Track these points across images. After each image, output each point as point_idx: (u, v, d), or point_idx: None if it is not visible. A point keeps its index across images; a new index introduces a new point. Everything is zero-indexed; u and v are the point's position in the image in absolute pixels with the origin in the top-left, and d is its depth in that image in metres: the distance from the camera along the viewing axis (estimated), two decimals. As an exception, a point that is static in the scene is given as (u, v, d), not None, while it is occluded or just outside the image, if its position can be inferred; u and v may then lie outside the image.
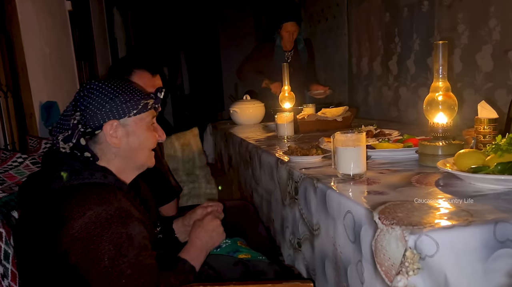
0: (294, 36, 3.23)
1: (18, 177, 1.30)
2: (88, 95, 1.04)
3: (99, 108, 1.03)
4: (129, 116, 1.06)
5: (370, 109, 3.66)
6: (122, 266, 0.94)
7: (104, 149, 1.06)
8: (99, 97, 1.04)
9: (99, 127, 1.03)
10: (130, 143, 1.08)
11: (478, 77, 2.38)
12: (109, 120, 1.04)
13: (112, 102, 1.04)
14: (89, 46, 4.31)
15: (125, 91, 1.07)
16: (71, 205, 0.93)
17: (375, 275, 0.83)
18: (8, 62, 2.38)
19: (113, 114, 1.04)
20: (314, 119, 2.26)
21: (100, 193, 0.97)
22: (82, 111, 1.03)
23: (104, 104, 1.03)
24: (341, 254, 1.01)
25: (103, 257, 0.93)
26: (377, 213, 0.84)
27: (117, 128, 1.05)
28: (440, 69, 1.14)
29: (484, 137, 1.23)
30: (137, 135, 1.08)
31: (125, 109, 1.05)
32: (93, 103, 1.03)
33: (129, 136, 1.07)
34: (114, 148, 1.06)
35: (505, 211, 0.80)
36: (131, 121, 1.07)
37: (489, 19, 2.27)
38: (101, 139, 1.05)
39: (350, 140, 1.12)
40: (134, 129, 1.08)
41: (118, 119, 1.05)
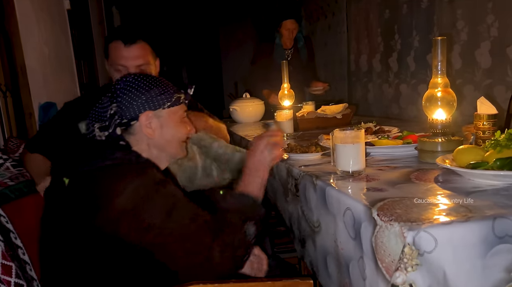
0: (294, 34, 3.23)
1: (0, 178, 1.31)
2: (125, 88, 1.10)
3: (135, 100, 1.08)
4: (163, 108, 1.11)
5: (370, 106, 3.66)
6: (174, 229, 0.98)
7: (138, 140, 1.11)
8: (135, 89, 1.09)
9: (135, 118, 1.08)
10: (164, 134, 1.13)
11: (477, 74, 2.38)
12: (145, 111, 1.09)
13: (148, 94, 1.09)
14: (89, 45, 4.30)
15: (160, 85, 1.12)
16: (112, 182, 0.98)
17: (376, 271, 0.83)
18: (7, 62, 2.38)
19: (148, 105, 1.09)
20: (314, 116, 2.26)
21: (136, 167, 1.04)
22: (119, 102, 1.08)
23: (140, 96, 1.09)
24: (342, 250, 1.01)
25: (156, 223, 0.96)
26: (376, 210, 0.84)
27: (152, 119, 1.10)
28: (439, 66, 1.14)
29: (484, 133, 1.23)
30: (170, 127, 1.13)
31: (160, 101, 1.10)
32: (130, 95, 1.09)
33: (163, 127, 1.12)
34: (148, 139, 1.11)
35: (504, 206, 0.80)
36: (165, 113, 1.12)
37: (486, 15, 2.26)
38: (136, 130, 1.10)
39: (349, 137, 1.12)
40: (167, 121, 1.13)
41: (153, 110, 1.10)
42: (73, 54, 3.55)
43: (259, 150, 1.20)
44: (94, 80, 4.42)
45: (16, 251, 1.18)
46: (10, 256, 1.11)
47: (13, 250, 1.16)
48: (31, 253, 1.23)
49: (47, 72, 2.86)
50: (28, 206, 1.31)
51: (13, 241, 1.18)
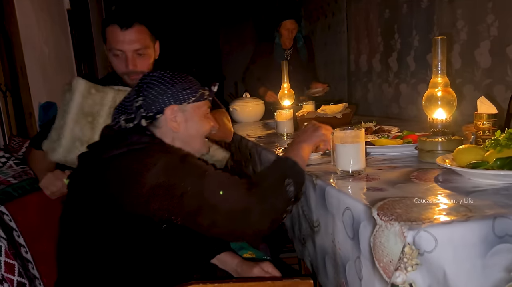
0: (294, 34, 3.23)
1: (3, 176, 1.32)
2: (151, 82, 1.12)
3: (161, 94, 1.11)
4: (188, 103, 1.14)
5: (370, 106, 3.66)
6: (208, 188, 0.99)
7: (163, 133, 1.13)
8: (161, 83, 1.12)
9: (161, 111, 1.11)
10: (188, 129, 1.15)
11: (477, 73, 2.38)
12: (170, 105, 1.11)
13: (174, 88, 1.12)
14: (88, 45, 4.30)
15: (185, 80, 1.16)
16: (142, 160, 1.01)
17: (373, 271, 0.83)
18: (7, 62, 2.38)
19: (174, 99, 1.12)
20: (314, 116, 2.26)
21: (162, 146, 1.09)
22: (145, 96, 1.11)
23: (166, 90, 1.11)
24: (339, 250, 1.01)
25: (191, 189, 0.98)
26: (375, 209, 0.84)
27: (177, 113, 1.13)
28: (439, 65, 1.14)
29: (484, 133, 1.23)
30: (194, 121, 1.16)
31: (185, 96, 1.13)
32: (156, 89, 1.11)
33: (188, 122, 1.15)
34: (173, 132, 1.14)
35: (504, 206, 0.80)
36: (190, 108, 1.15)
37: (486, 15, 2.26)
38: (161, 124, 1.13)
39: (349, 137, 1.12)
40: (192, 115, 1.16)
41: (178, 104, 1.12)
42: (73, 54, 3.55)
43: (304, 129, 1.26)
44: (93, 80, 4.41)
45: (19, 249, 1.18)
46: (13, 255, 1.11)
47: (16, 248, 1.16)
48: (34, 251, 1.23)
49: (47, 72, 2.85)
50: (31, 204, 1.31)
51: (16, 239, 1.19)
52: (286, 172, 1.09)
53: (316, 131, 1.24)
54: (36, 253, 1.24)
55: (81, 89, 1.43)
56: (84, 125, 1.42)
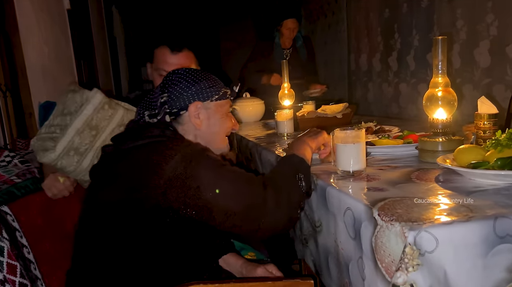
0: (294, 33, 3.23)
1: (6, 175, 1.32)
2: (176, 79, 1.15)
3: (185, 90, 1.14)
4: (211, 100, 1.17)
5: (370, 106, 3.66)
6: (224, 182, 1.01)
7: (186, 129, 1.16)
8: (186, 80, 1.15)
9: (185, 107, 1.14)
10: (211, 126, 1.18)
11: (476, 73, 2.38)
12: (194, 101, 1.14)
13: (198, 85, 1.15)
14: (88, 45, 4.30)
15: (209, 78, 1.18)
16: (161, 151, 1.02)
17: (375, 271, 0.83)
18: (7, 62, 2.38)
19: (198, 96, 1.14)
20: (314, 116, 2.26)
21: (182, 140, 1.11)
22: (170, 92, 1.13)
23: (190, 87, 1.14)
24: (342, 250, 1.01)
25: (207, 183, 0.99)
26: (376, 210, 0.84)
27: (200, 110, 1.16)
28: (440, 65, 1.14)
29: (484, 133, 1.23)
30: (216, 119, 1.19)
31: (208, 93, 1.16)
32: (180, 85, 1.14)
33: (210, 119, 1.18)
34: (195, 129, 1.16)
35: (505, 206, 0.80)
36: (213, 106, 1.18)
37: (486, 14, 2.26)
38: (184, 120, 1.15)
39: (349, 137, 1.12)
40: (214, 113, 1.18)
41: (202, 101, 1.15)
42: (73, 54, 3.55)
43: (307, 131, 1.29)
44: (94, 80, 4.42)
45: (21, 249, 1.18)
46: (15, 255, 1.11)
47: (18, 249, 1.16)
48: (36, 251, 1.23)
49: (47, 72, 2.85)
50: (34, 203, 1.31)
51: (19, 239, 1.18)
52: (297, 167, 1.11)
53: (319, 133, 1.26)
54: (38, 253, 1.24)
55: (96, 103, 1.47)
56: (85, 137, 1.45)
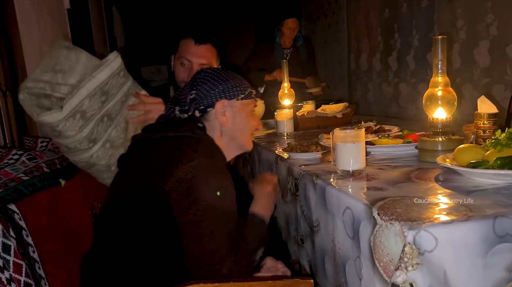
0: (295, 33, 3.23)
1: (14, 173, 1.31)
2: (204, 77, 1.20)
3: (213, 89, 1.18)
4: (237, 99, 1.21)
5: (370, 105, 3.66)
6: (216, 212, 1.01)
7: (212, 126, 1.20)
8: (213, 79, 1.19)
9: (212, 105, 1.18)
10: (236, 123, 1.22)
11: (476, 73, 2.38)
12: (221, 99, 1.18)
13: (225, 84, 1.19)
14: (88, 45, 4.30)
15: (235, 78, 1.23)
16: (183, 150, 1.06)
17: (373, 271, 0.83)
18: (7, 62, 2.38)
19: (224, 95, 1.19)
20: (314, 116, 2.26)
21: (210, 147, 1.13)
22: (198, 90, 1.18)
23: (217, 85, 1.18)
24: (339, 250, 1.01)
25: (202, 201, 1.01)
26: (376, 209, 0.84)
27: (226, 108, 1.19)
28: (440, 64, 1.14)
29: (484, 132, 1.23)
30: (241, 117, 1.22)
31: (235, 92, 1.20)
32: (208, 83, 1.18)
33: (236, 117, 1.21)
34: (221, 126, 1.20)
35: (505, 205, 0.80)
36: (238, 104, 1.21)
37: (486, 14, 2.26)
38: (211, 117, 1.19)
39: (349, 136, 1.12)
40: (240, 111, 1.22)
41: (228, 99, 1.19)
42: (73, 54, 3.55)
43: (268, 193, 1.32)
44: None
45: (27, 248, 1.17)
46: (21, 254, 1.10)
47: (24, 248, 1.15)
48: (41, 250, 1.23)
49: (47, 72, 2.85)
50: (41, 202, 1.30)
51: (25, 238, 1.18)
52: (261, 238, 1.16)
53: (273, 196, 1.34)
54: (42, 252, 1.23)
55: (115, 67, 1.36)
56: (95, 102, 1.34)
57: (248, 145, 1.29)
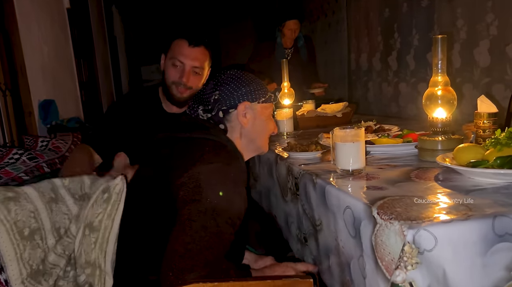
0: (296, 34, 3.23)
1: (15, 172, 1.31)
2: (228, 79, 1.22)
3: (236, 90, 1.20)
4: (258, 102, 1.22)
5: (370, 105, 3.66)
6: (210, 221, 1.00)
7: (233, 127, 1.21)
8: (237, 81, 1.21)
9: (234, 106, 1.19)
10: (256, 125, 1.23)
11: (476, 72, 2.38)
12: (243, 101, 1.20)
13: (248, 87, 1.21)
14: (88, 44, 4.30)
15: (257, 82, 1.25)
16: (206, 151, 1.08)
17: (376, 270, 0.83)
18: (7, 61, 2.38)
19: (247, 97, 1.20)
20: (314, 115, 2.26)
21: (232, 155, 1.13)
22: (221, 91, 1.20)
23: (240, 87, 1.20)
24: (343, 248, 1.01)
25: (204, 204, 1.00)
26: (375, 208, 0.84)
27: (247, 110, 1.21)
28: (439, 64, 1.14)
29: (484, 132, 1.23)
30: (261, 120, 1.24)
31: (256, 95, 1.22)
32: (232, 85, 1.20)
33: (256, 119, 1.23)
34: (242, 127, 1.22)
35: (504, 205, 0.80)
36: (259, 107, 1.23)
37: (486, 14, 2.26)
38: (232, 118, 1.21)
39: (349, 135, 1.12)
40: (260, 114, 1.24)
41: (250, 102, 1.21)
42: (72, 53, 3.55)
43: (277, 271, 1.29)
44: (93, 79, 4.42)
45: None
46: None
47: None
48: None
49: (47, 71, 2.85)
50: None
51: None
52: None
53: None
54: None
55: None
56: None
57: (265, 147, 1.30)
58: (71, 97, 3.43)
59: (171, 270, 0.96)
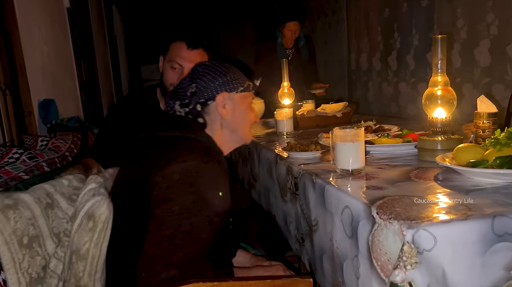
0: (296, 35, 3.24)
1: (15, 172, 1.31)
2: (204, 70, 1.20)
3: (213, 81, 1.18)
4: (236, 92, 1.21)
5: (370, 105, 3.66)
6: (185, 221, 0.98)
7: (212, 119, 1.19)
8: (213, 72, 1.20)
9: (212, 98, 1.18)
10: (236, 116, 1.21)
11: (476, 72, 2.38)
12: (221, 92, 1.18)
13: (224, 77, 1.19)
14: (88, 44, 4.30)
15: (234, 71, 1.23)
16: (181, 150, 1.05)
17: (370, 270, 0.83)
18: (7, 61, 2.38)
19: (225, 87, 1.19)
20: (314, 115, 2.26)
21: (206, 153, 1.09)
22: (198, 83, 1.18)
23: (217, 78, 1.19)
24: (337, 249, 1.01)
25: (177, 203, 0.99)
26: (375, 208, 0.84)
27: (226, 101, 1.19)
28: (439, 64, 1.14)
29: (483, 132, 1.23)
30: (241, 110, 1.22)
31: (234, 85, 1.20)
32: (208, 77, 1.19)
33: (235, 109, 1.21)
34: (222, 119, 1.20)
35: (504, 205, 0.80)
36: (238, 97, 1.21)
37: (486, 13, 2.26)
38: (211, 110, 1.19)
39: (348, 135, 1.12)
40: (239, 104, 1.22)
41: (228, 92, 1.19)
42: (72, 53, 3.55)
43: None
44: (93, 79, 4.42)
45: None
46: None
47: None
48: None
49: (47, 71, 2.85)
50: None
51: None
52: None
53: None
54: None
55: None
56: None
57: (248, 137, 1.29)
58: (71, 97, 3.44)
59: (144, 270, 0.95)
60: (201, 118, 1.18)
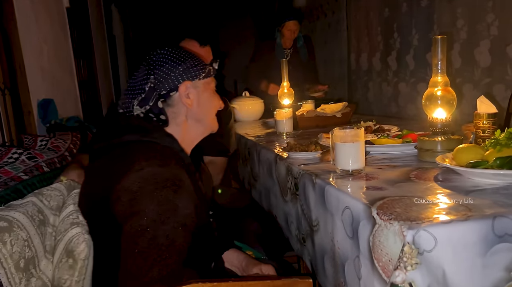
0: (295, 35, 3.24)
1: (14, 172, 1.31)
2: (160, 60, 1.10)
3: (173, 71, 1.09)
4: (199, 79, 1.13)
5: (370, 105, 3.66)
6: (157, 232, 0.91)
7: (176, 112, 1.11)
8: (171, 60, 1.10)
9: (175, 88, 1.09)
10: (201, 104, 1.14)
11: (477, 73, 2.38)
12: (183, 81, 1.10)
13: (184, 65, 1.11)
14: (88, 43, 4.29)
15: (193, 57, 1.15)
16: (135, 158, 0.97)
17: (372, 270, 0.83)
18: (6, 60, 2.37)
19: (186, 76, 1.11)
20: (313, 115, 2.26)
21: (164, 155, 1.01)
22: (156, 74, 1.09)
23: (177, 67, 1.10)
24: (339, 249, 1.01)
25: (144, 215, 0.92)
26: (375, 208, 0.84)
27: (190, 90, 1.11)
28: (439, 64, 1.14)
29: (483, 132, 1.23)
30: (206, 97, 1.16)
31: (196, 72, 1.12)
32: (166, 66, 1.09)
33: (200, 98, 1.14)
34: (187, 109, 1.12)
35: (504, 205, 0.80)
36: (201, 84, 1.14)
37: (486, 14, 2.26)
38: (174, 102, 1.11)
39: (348, 136, 1.12)
40: (203, 91, 1.15)
41: (191, 80, 1.11)
42: (72, 53, 3.55)
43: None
44: (93, 79, 4.41)
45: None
46: None
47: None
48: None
49: (46, 71, 2.85)
50: None
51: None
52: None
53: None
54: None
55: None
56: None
57: (214, 125, 1.21)
58: (70, 97, 3.43)
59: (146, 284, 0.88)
60: (163, 115, 1.09)
